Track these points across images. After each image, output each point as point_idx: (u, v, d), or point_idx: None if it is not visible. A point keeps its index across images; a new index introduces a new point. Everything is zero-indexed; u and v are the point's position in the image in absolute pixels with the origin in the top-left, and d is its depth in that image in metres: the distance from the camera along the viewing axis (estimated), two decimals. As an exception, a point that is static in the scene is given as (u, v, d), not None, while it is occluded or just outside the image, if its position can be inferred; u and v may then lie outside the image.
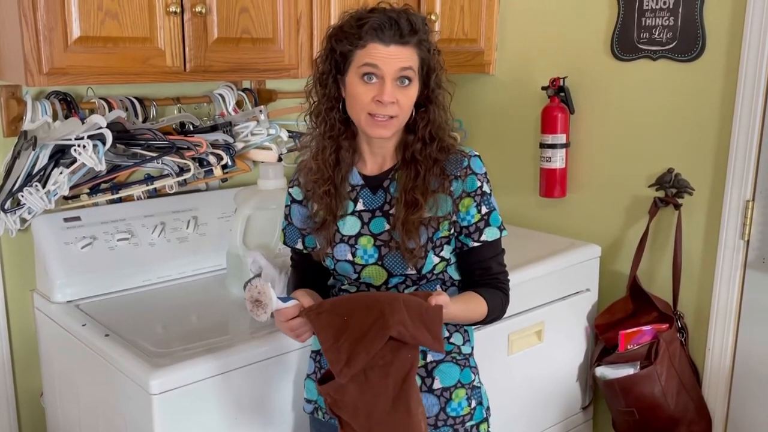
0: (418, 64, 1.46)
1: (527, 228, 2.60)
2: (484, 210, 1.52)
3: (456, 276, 1.58)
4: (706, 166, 2.21)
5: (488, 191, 1.54)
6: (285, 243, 1.65)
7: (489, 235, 1.53)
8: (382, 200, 1.53)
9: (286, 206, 1.63)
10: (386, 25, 1.41)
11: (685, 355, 2.26)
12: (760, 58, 2.04)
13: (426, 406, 1.50)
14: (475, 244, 1.53)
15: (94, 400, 1.77)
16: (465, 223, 1.52)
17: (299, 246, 1.62)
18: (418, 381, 1.50)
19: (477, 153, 1.55)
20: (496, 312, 1.55)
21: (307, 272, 1.63)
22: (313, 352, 1.63)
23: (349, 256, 1.52)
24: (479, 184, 1.51)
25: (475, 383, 1.58)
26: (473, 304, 1.50)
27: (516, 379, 2.19)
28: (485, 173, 1.54)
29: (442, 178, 1.50)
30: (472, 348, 1.60)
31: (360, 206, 1.53)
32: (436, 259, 1.51)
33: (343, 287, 1.59)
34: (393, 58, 1.42)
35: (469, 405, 1.55)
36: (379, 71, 1.42)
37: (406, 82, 1.44)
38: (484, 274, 1.56)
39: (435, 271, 1.52)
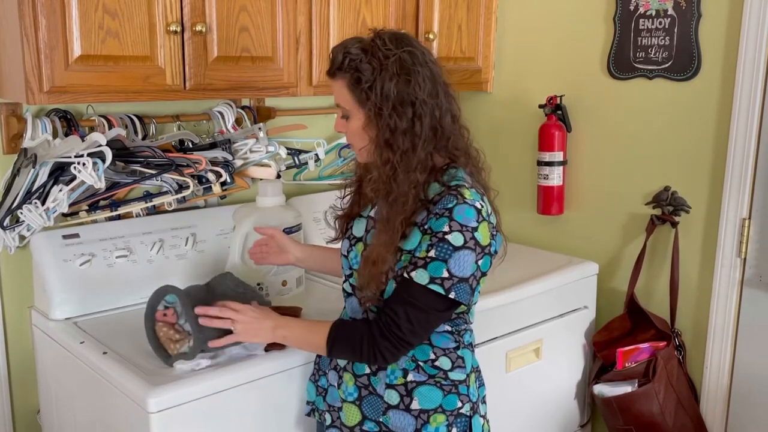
0: (351, 97, 1.44)
1: (525, 245, 2.60)
2: (432, 253, 1.37)
3: None
4: (703, 184, 2.23)
5: (454, 243, 1.37)
6: None
7: (417, 276, 1.38)
8: None
9: None
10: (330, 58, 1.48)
11: (682, 372, 2.27)
12: (755, 76, 2.06)
13: (402, 426, 1.50)
14: (403, 275, 1.41)
15: (91, 418, 1.76)
16: (414, 253, 1.41)
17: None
18: (397, 398, 1.50)
19: (477, 205, 1.39)
20: (342, 349, 1.46)
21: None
22: (317, 355, 1.66)
23: (346, 252, 1.59)
24: (446, 229, 1.37)
25: (462, 411, 1.52)
26: (307, 329, 1.54)
27: (514, 396, 2.18)
28: (469, 228, 1.37)
29: (427, 215, 1.41)
30: (468, 376, 1.54)
31: (373, 213, 1.56)
32: None
33: (343, 283, 1.62)
34: (334, 91, 1.49)
35: None
36: None
37: (348, 115, 1.48)
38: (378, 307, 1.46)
39: None
